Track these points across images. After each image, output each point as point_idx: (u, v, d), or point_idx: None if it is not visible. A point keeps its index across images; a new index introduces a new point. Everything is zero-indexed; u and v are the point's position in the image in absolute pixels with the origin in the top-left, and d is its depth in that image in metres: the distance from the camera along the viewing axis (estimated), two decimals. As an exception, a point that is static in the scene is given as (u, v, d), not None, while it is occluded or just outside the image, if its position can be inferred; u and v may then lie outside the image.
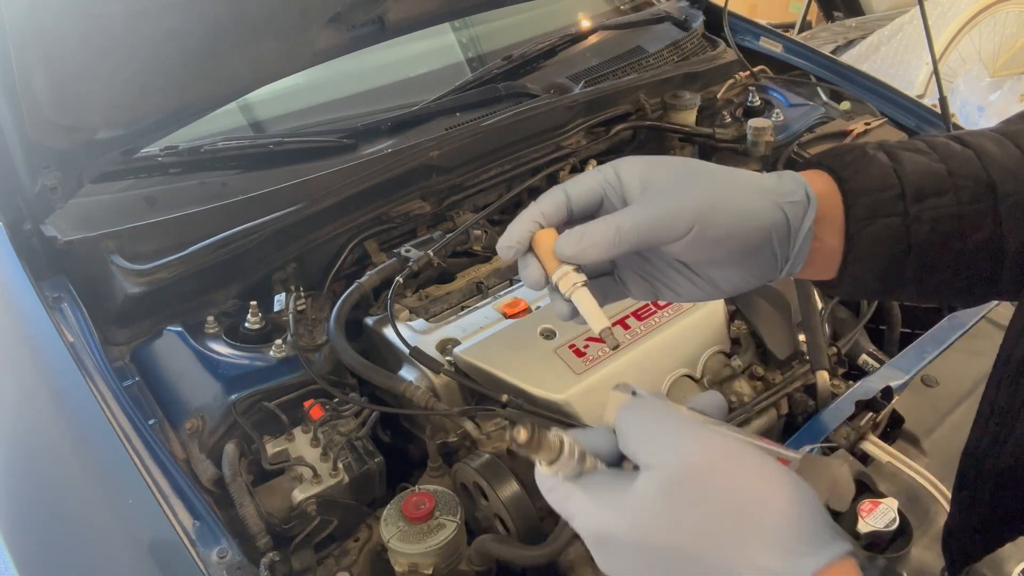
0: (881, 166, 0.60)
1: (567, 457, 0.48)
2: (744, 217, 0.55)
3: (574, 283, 0.56)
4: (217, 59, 1.26)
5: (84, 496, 1.03)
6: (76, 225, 1.26)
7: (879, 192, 0.59)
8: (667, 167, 0.57)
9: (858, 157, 0.60)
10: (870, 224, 0.58)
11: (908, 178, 0.59)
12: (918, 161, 0.60)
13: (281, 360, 1.16)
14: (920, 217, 0.58)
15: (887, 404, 1.08)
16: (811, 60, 2.01)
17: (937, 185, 0.59)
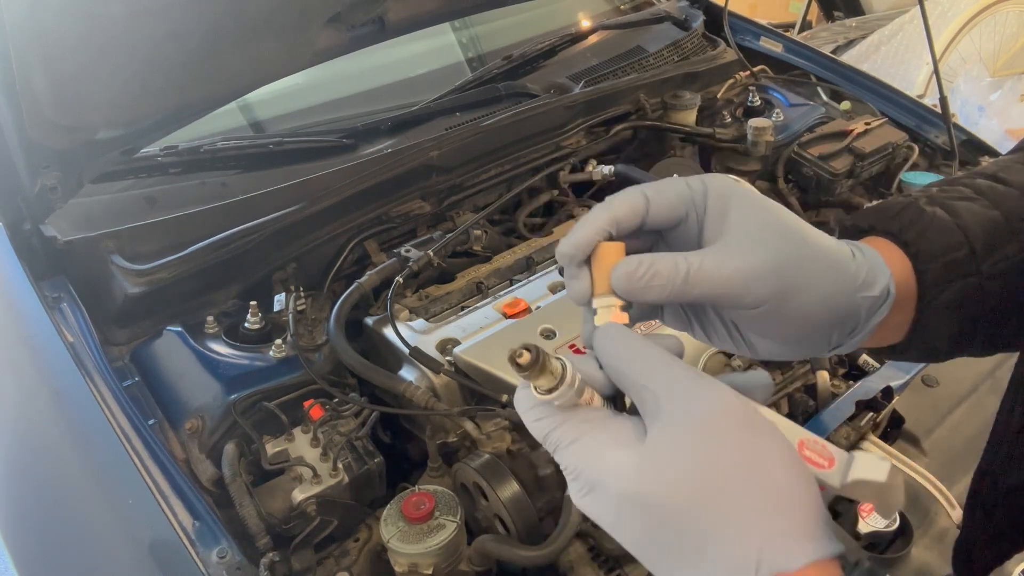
0: (943, 223, 0.55)
1: (567, 386, 0.45)
2: (820, 305, 0.50)
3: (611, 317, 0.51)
4: (217, 59, 1.26)
5: (84, 496, 1.03)
6: (76, 225, 1.26)
7: (950, 252, 0.54)
8: (757, 208, 0.51)
9: (916, 216, 0.56)
10: (946, 288, 0.54)
11: (973, 232, 0.55)
12: (975, 211, 0.56)
13: (281, 360, 1.16)
14: (992, 272, 0.55)
15: (887, 404, 1.08)
16: (811, 60, 2.01)
17: (1000, 234, 0.55)
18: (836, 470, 0.46)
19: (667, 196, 0.50)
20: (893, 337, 0.57)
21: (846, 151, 1.66)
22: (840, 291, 0.51)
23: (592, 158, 1.66)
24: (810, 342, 0.52)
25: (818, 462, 0.46)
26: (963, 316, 0.56)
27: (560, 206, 1.62)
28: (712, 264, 0.48)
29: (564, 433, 0.46)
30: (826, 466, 0.46)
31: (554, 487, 1.06)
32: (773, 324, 0.50)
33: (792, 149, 1.69)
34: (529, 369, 0.44)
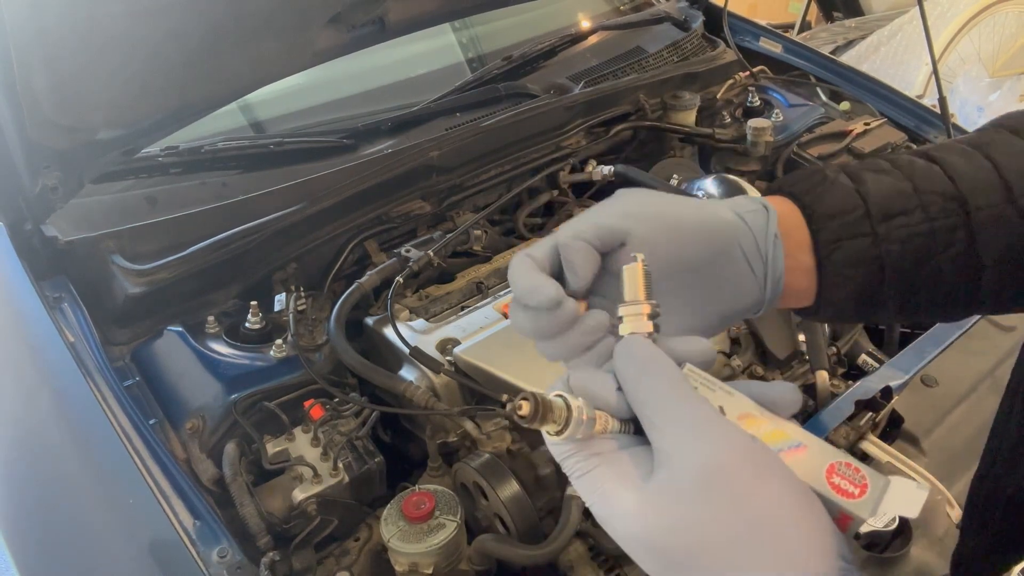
0: (843, 188, 0.59)
1: (574, 426, 0.44)
2: (700, 220, 0.53)
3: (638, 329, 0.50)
4: (217, 59, 1.26)
5: (84, 496, 1.03)
6: (77, 225, 1.26)
7: (844, 215, 0.57)
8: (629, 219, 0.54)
9: (819, 181, 0.59)
10: (838, 248, 0.57)
11: (872, 198, 0.58)
12: (882, 181, 0.59)
13: (281, 360, 1.16)
14: (889, 236, 0.57)
15: (887, 404, 1.08)
16: (811, 60, 2.01)
17: (904, 203, 0.58)
18: (867, 499, 0.44)
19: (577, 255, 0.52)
20: (806, 300, 0.59)
21: (845, 151, 1.66)
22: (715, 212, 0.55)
23: (592, 158, 1.66)
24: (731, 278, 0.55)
25: (847, 490, 0.44)
26: (861, 276, 0.58)
27: (560, 206, 1.62)
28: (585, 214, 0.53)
29: (575, 465, 0.46)
30: (856, 495, 0.44)
31: (554, 487, 1.06)
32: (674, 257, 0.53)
33: (791, 149, 1.69)
34: (530, 421, 0.44)
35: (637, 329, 0.49)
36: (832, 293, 0.58)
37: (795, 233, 0.57)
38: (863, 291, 0.58)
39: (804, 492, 0.43)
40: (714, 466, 0.42)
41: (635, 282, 0.49)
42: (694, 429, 0.43)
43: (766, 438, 0.45)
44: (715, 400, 0.47)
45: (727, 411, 0.46)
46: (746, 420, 0.46)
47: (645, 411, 0.45)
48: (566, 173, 1.63)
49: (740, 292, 0.55)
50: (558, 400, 0.44)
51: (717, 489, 0.41)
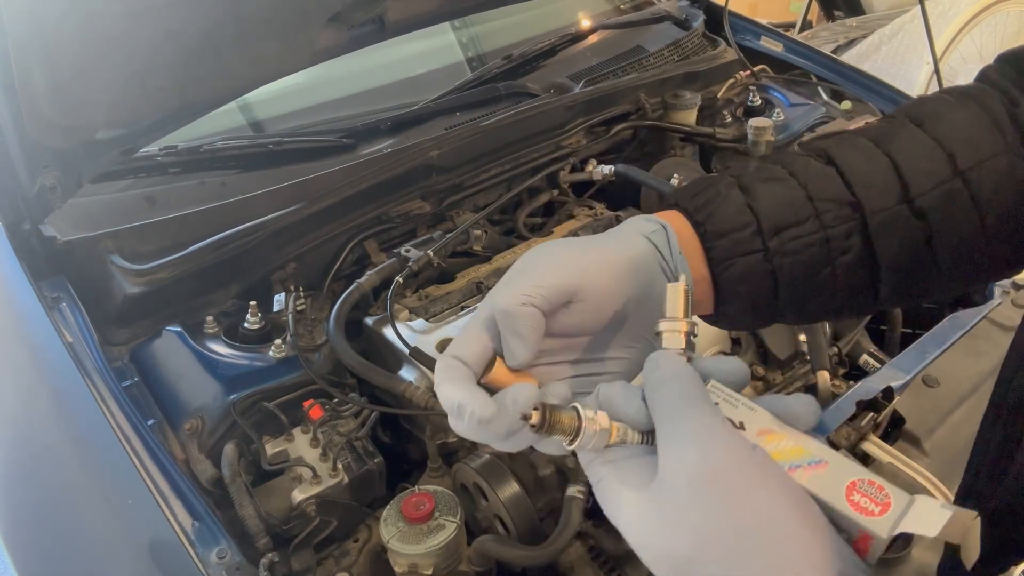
0: (735, 204, 0.58)
1: (588, 436, 0.45)
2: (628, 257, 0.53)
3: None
4: (216, 59, 1.26)
5: (83, 496, 1.02)
6: (75, 225, 1.26)
7: (735, 231, 0.57)
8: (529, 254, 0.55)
9: (712, 197, 0.59)
10: (731, 265, 0.57)
11: (763, 212, 0.58)
12: (774, 192, 0.59)
13: (281, 360, 1.16)
14: (782, 250, 0.57)
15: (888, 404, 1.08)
16: (812, 59, 2.01)
17: (796, 214, 0.57)
18: (887, 517, 0.42)
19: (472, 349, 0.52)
20: (706, 310, 0.60)
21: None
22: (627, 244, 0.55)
23: (592, 158, 1.66)
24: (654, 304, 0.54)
25: (866, 508, 0.43)
26: (754, 290, 0.58)
27: (560, 206, 1.62)
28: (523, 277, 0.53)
29: (592, 472, 0.46)
30: (876, 512, 0.43)
31: (554, 487, 1.06)
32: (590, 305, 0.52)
33: (792, 149, 1.69)
34: (539, 430, 0.44)
35: (673, 345, 0.49)
36: (727, 308, 0.59)
37: (691, 247, 0.57)
38: (758, 304, 0.59)
39: (802, 503, 0.42)
40: (707, 471, 0.41)
41: (677, 301, 0.50)
42: (694, 436, 0.43)
43: (785, 454, 0.45)
44: (736, 415, 0.47)
45: (748, 426, 0.46)
46: (766, 436, 0.46)
47: (657, 419, 0.45)
48: (566, 173, 1.63)
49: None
50: (570, 412, 0.45)
51: (709, 494, 0.41)
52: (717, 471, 0.41)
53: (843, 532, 0.43)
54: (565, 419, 0.45)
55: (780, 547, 0.40)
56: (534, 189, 1.61)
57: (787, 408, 0.47)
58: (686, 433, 0.43)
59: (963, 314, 1.29)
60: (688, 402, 0.44)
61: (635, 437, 0.47)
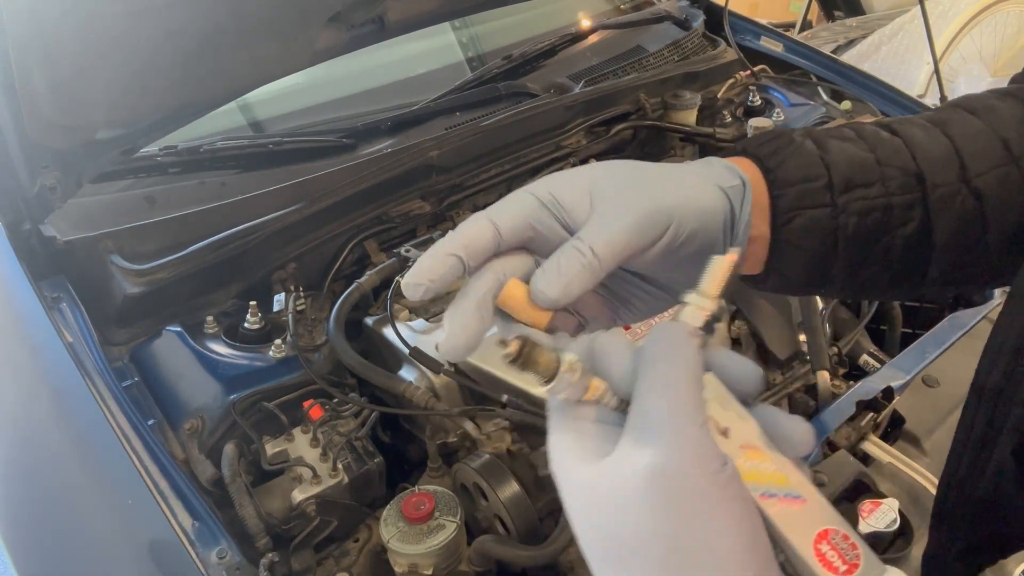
0: (808, 154, 0.57)
1: (563, 384, 0.41)
2: (707, 210, 0.51)
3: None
4: (216, 59, 1.26)
5: (83, 496, 1.02)
6: (75, 225, 1.26)
7: (806, 182, 0.56)
8: (608, 172, 0.50)
9: (784, 144, 0.57)
10: (797, 216, 0.55)
11: (836, 167, 0.56)
12: (846, 149, 0.57)
13: (281, 360, 1.16)
14: (848, 208, 0.56)
15: (888, 404, 1.08)
16: (812, 59, 2.01)
17: (865, 175, 0.56)
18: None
19: (512, 209, 0.48)
20: (754, 269, 0.58)
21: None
22: (715, 195, 0.52)
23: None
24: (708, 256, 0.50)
25: (832, 563, 0.39)
26: (815, 246, 0.56)
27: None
28: (604, 226, 0.47)
29: (554, 422, 0.43)
30: (841, 571, 0.39)
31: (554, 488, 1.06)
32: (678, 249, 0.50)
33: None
34: (513, 361, 0.41)
35: (692, 320, 0.44)
36: (782, 263, 0.57)
37: (756, 196, 0.55)
38: (814, 263, 0.57)
39: (754, 541, 0.38)
40: (663, 470, 0.38)
41: (716, 275, 0.45)
42: (665, 428, 0.39)
43: (763, 477, 0.41)
44: (723, 420, 0.42)
45: (732, 435, 0.42)
46: (748, 451, 0.41)
47: (637, 395, 0.41)
48: (566, 173, 1.63)
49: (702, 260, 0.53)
50: (551, 354, 0.41)
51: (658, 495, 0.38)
52: (673, 476, 0.38)
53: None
54: (544, 360, 0.41)
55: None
56: (534, 189, 1.61)
57: (781, 427, 0.43)
58: (658, 422, 0.39)
59: (963, 314, 1.29)
60: (676, 390, 0.40)
61: (612, 400, 0.42)
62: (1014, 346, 0.52)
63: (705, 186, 0.52)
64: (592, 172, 0.50)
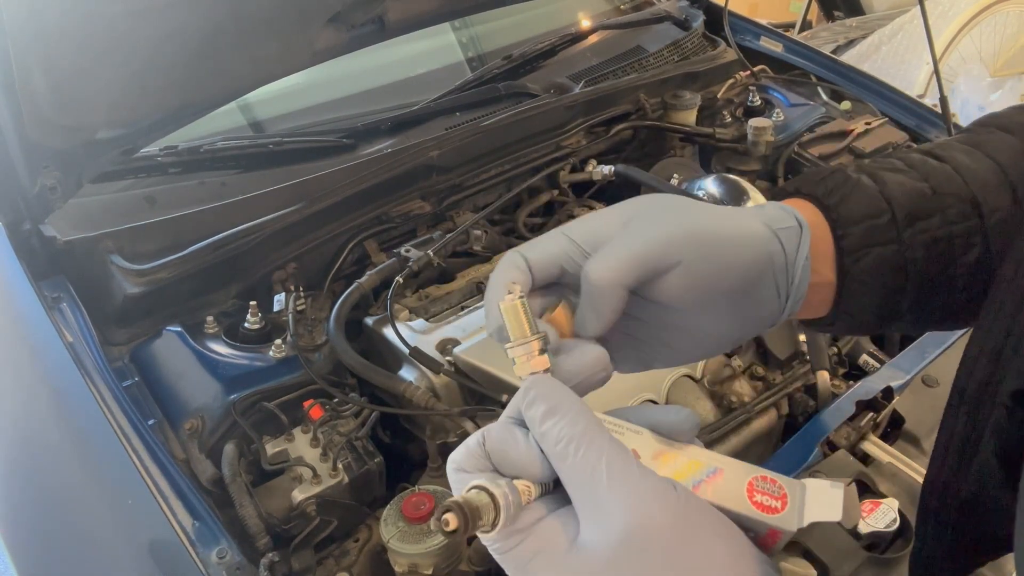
0: (867, 189, 0.55)
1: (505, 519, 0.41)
2: (741, 243, 0.49)
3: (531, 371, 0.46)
4: (217, 59, 1.26)
5: (83, 496, 1.02)
6: (75, 225, 1.26)
7: (870, 219, 0.54)
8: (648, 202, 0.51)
9: (840, 182, 0.56)
10: (864, 255, 0.54)
11: (897, 200, 0.55)
12: (902, 182, 0.56)
13: (281, 360, 1.16)
14: (914, 242, 0.55)
15: (888, 404, 1.08)
16: (811, 60, 2.01)
17: (924, 206, 0.55)
18: (790, 510, 0.44)
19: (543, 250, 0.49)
20: (820, 310, 0.57)
21: (846, 151, 1.66)
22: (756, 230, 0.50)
23: (592, 158, 1.66)
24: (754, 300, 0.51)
25: (770, 506, 0.44)
26: (884, 285, 0.55)
27: (560, 206, 1.62)
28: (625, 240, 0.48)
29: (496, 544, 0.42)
30: (779, 508, 0.44)
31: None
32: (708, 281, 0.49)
33: (792, 149, 1.69)
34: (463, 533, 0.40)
35: (534, 368, 0.45)
36: (852, 304, 0.56)
37: (818, 244, 0.54)
38: (884, 301, 0.56)
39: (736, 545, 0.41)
40: (639, 528, 0.39)
41: (518, 319, 0.46)
42: (613, 484, 0.39)
43: (684, 472, 0.44)
44: (627, 443, 0.44)
45: (641, 453, 0.44)
46: (661, 458, 0.45)
47: (558, 465, 0.41)
48: (566, 173, 1.63)
49: (760, 314, 0.52)
50: (482, 497, 0.41)
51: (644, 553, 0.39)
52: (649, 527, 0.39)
53: (750, 532, 0.44)
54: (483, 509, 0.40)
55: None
56: (534, 189, 1.61)
57: (667, 422, 0.46)
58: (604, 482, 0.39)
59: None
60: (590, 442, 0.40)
61: (536, 491, 0.43)
62: (993, 349, 0.51)
63: (750, 222, 0.51)
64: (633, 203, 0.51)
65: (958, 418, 0.55)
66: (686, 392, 1.17)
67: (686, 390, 1.17)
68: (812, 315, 0.58)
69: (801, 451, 1.02)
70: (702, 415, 1.15)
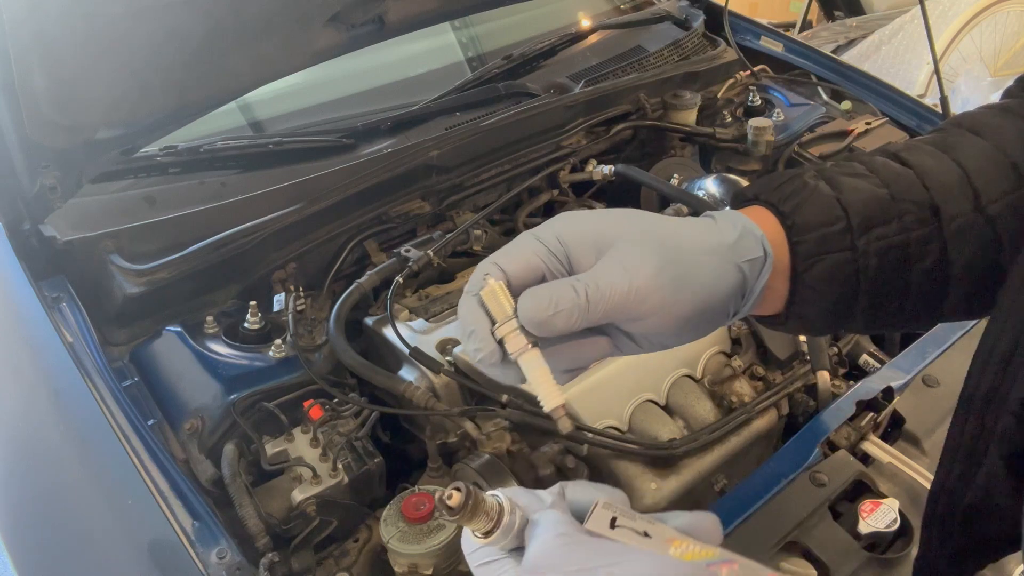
0: (823, 197, 0.56)
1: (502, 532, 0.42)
2: (710, 289, 0.51)
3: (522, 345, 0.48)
4: (217, 59, 1.26)
5: (83, 497, 1.02)
6: (75, 225, 1.26)
7: (825, 226, 0.55)
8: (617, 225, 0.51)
9: (798, 188, 0.57)
10: (817, 262, 0.55)
11: (853, 207, 0.55)
12: (860, 188, 0.57)
13: (280, 360, 1.16)
14: (868, 250, 0.55)
15: (888, 404, 1.08)
16: (812, 59, 2.01)
17: (882, 213, 0.56)
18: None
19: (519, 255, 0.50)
20: (773, 308, 0.58)
21: (846, 151, 1.66)
22: (724, 271, 0.52)
23: (592, 158, 1.66)
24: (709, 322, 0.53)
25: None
26: (837, 291, 0.56)
27: (560, 206, 1.62)
28: (607, 282, 0.48)
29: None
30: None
31: (554, 487, 1.06)
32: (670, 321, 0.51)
33: (792, 149, 1.69)
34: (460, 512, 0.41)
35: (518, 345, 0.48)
36: (803, 308, 0.57)
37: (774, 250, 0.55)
38: (836, 306, 0.57)
39: None
40: None
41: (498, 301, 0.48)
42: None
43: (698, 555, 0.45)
44: (639, 527, 0.45)
45: (653, 534, 0.45)
46: (675, 542, 0.45)
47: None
48: (566, 172, 1.63)
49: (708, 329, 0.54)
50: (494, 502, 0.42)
51: None
52: None
53: None
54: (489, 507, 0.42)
55: None
56: (534, 189, 1.61)
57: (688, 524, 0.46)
58: None
59: (963, 314, 1.29)
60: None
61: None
62: (1002, 355, 0.52)
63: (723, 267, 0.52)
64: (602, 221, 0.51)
65: (966, 425, 0.56)
66: (686, 392, 1.17)
67: (686, 390, 1.17)
68: (765, 312, 0.59)
69: (801, 451, 1.02)
70: (702, 415, 1.15)
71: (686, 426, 1.13)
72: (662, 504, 1.03)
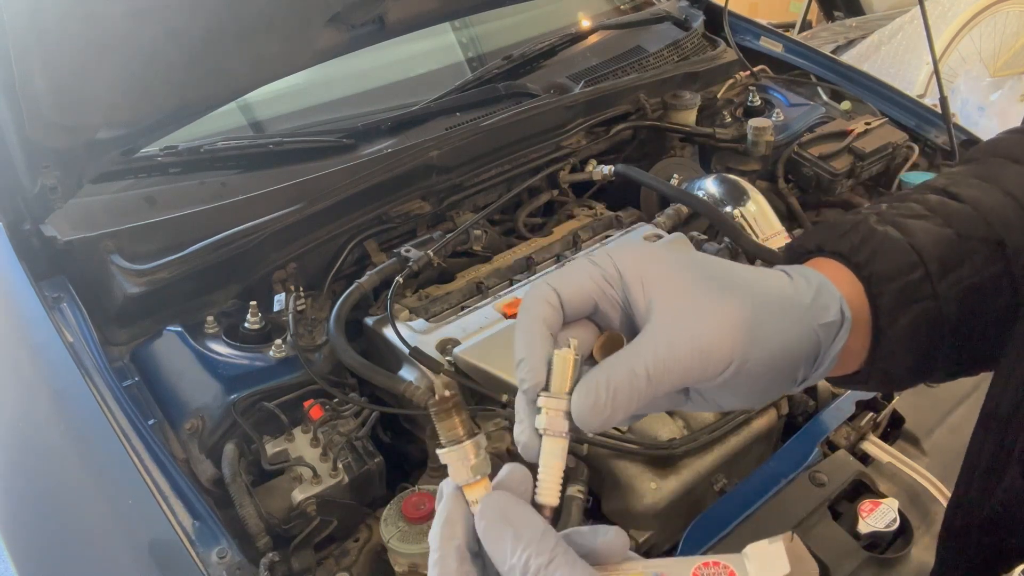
0: (896, 243, 0.52)
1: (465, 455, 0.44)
2: (783, 352, 0.47)
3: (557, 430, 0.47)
4: (217, 59, 1.26)
5: (84, 496, 1.02)
6: (76, 225, 1.26)
7: (904, 275, 0.51)
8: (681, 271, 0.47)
9: (867, 236, 0.52)
10: (902, 315, 0.51)
11: (927, 252, 0.52)
12: (929, 230, 0.53)
13: (281, 360, 1.16)
14: (948, 296, 0.51)
15: (887, 404, 1.08)
16: (811, 60, 2.01)
17: (954, 254, 0.52)
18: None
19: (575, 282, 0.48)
20: (851, 366, 0.54)
21: (846, 151, 1.66)
22: (799, 333, 0.48)
23: (592, 158, 1.66)
24: (778, 386, 0.50)
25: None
26: (922, 342, 0.53)
27: (560, 206, 1.62)
28: (665, 350, 0.45)
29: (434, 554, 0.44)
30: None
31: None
32: (741, 382, 0.47)
33: (792, 149, 1.69)
34: (438, 405, 0.42)
35: (554, 426, 0.47)
36: (888, 364, 0.53)
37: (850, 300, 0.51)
38: (921, 357, 0.53)
39: None
40: None
41: (564, 374, 0.46)
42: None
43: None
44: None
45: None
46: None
47: None
48: (566, 173, 1.63)
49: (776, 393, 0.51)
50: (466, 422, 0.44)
51: None
52: None
53: None
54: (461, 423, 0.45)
55: None
56: (534, 189, 1.61)
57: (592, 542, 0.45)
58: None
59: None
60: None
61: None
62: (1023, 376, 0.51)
63: (787, 323, 0.48)
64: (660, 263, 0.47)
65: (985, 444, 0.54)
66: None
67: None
68: (837, 373, 0.55)
69: (801, 451, 1.02)
70: (702, 415, 1.15)
71: (686, 426, 1.13)
72: (662, 504, 1.03)
